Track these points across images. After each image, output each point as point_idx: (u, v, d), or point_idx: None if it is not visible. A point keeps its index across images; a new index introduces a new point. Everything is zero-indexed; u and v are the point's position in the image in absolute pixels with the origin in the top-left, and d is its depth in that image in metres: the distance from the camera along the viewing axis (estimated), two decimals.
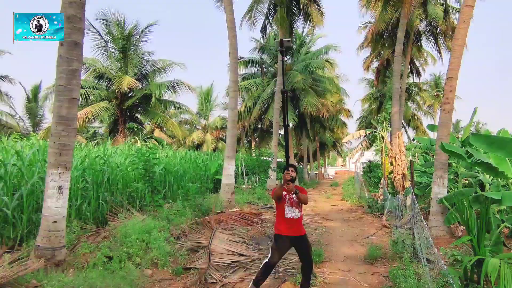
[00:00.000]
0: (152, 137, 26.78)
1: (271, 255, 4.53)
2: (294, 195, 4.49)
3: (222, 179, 12.94)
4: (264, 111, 26.59)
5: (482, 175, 9.18)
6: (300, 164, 44.11)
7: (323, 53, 27.60)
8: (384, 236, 9.02)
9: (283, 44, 4.28)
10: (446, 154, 8.55)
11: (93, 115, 19.53)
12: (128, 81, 19.36)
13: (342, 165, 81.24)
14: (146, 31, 21.21)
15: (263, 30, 22.34)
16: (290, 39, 4.42)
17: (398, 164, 12.48)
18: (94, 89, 20.93)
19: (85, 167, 8.25)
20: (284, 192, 4.50)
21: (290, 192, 4.43)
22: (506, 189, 8.03)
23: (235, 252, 6.97)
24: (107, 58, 21.10)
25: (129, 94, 21.98)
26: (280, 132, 27.83)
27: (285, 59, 23.74)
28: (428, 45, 25.35)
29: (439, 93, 41.85)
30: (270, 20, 21.85)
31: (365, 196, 16.71)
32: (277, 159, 22.64)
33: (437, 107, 39.86)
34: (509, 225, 6.57)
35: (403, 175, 12.27)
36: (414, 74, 28.32)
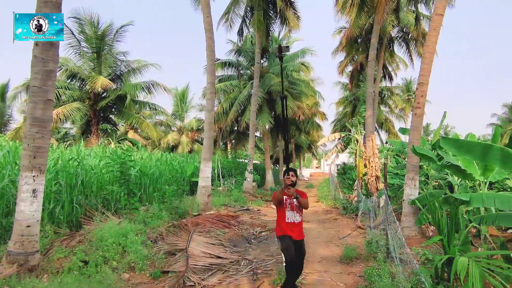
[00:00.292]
0: (126, 139, 26.30)
1: (284, 255, 4.51)
2: (294, 200, 4.49)
3: (199, 181, 12.88)
4: (240, 113, 26.61)
5: (451, 177, 9.55)
6: (275, 166, 44.38)
7: (299, 56, 27.91)
8: (359, 236, 9.23)
9: (281, 50, 4.28)
10: (417, 156, 8.84)
11: (65, 115, 19.00)
12: (102, 82, 18.95)
13: (317, 167, 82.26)
14: (121, 31, 20.84)
15: (240, 32, 22.39)
16: (288, 45, 4.47)
17: (371, 167, 12.84)
18: (66, 89, 20.36)
19: (58, 169, 8.05)
20: (285, 197, 4.51)
21: (291, 196, 4.43)
22: (473, 190, 8.40)
23: (213, 254, 6.99)
24: (80, 57, 20.58)
25: (103, 95, 21.51)
26: (256, 135, 27.95)
27: (261, 62, 23.92)
28: (400, 51, 26.14)
29: (410, 97, 43.19)
30: (247, 23, 21.92)
31: (340, 198, 17.02)
32: (254, 161, 22.73)
33: (408, 111, 41.11)
34: (476, 225, 6.87)
35: (377, 177, 12.63)
36: (387, 78, 29.07)
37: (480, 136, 38.65)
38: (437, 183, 11.34)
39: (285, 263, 4.52)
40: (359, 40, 24.08)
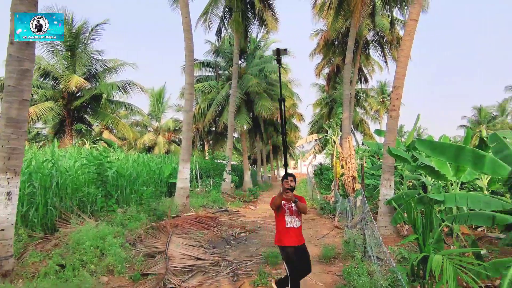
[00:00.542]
0: (102, 139, 25.77)
1: (287, 267, 4.38)
2: (293, 204, 4.40)
3: (177, 182, 12.77)
4: (218, 114, 26.55)
5: (425, 177, 9.85)
6: (253, 167, 44.49)
7: None
8: (337, 236, 9.40)
9: (279, 53, 4.21)
10: (393, 158, 9.08)
11: (37, 115, 18.47)
12: (76, 81, 18.51)
13: (294, 168, 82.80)
14: (96, 29, 20.43)
15: (218, 33, 22.35)
16: (286, 48, 4.32)
17: (348, 167, 13.09)
18: (39, 88, 19.81)
19: (32, 171, 7.82)
20: (283, 202, 4.42)
21: (289, 201, 4.34)
22: (446, 190, 8.71)
23: (193, 256, 6.97)
24: (54, 55, 20.06)
25: (77, 94, 21.03)
26: (234, 135, 27.93)
27: (239, 63, 23.91)
28: (375, 54, 26.76)
29: (384, 99, 44.21)
30: (226, 24, 21.90)
31: (317, 198, 17.25)
32: (232, 162, 22.71)
33: (382, 113, 42.08)
34: (448, 224, 7.13)
35: (353, 178, 12.88)
36: (362, 80, 29.71)
37: (451, 137, 40.01)
38: (411, 184, 11.67)
39: (289, 276, 4.36)
40: (336, 43, 24.51)
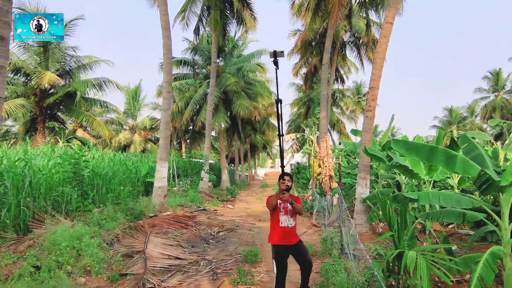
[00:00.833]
0: (76, 137, 25.14)
1: (276, 267, 4.41)
2: (289, 205, 4.42)
3: (155, 181, 12.63)
4: (196, 112, 26.40)
5: (399, 176, 10.15)
6: (231, 166, 44.47)
7: (255, 57, 28.17)
8: (314, 234, 9.55)
9: (276, 55, 4.19)
10: (368, 157, 9.30)
11: (7, 112, 17.82)
12: (49, 77, 17.96)
13: (271, 167, 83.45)
14: (71, 25, 19.82)
15: (196, 31, 22.20)
16: (283, 51, 4.30)
17: (326, 166, 13.30)
18: (9, 84, 19.09)
19: (3, 170, 7.58)
20: (279, 201, 4.45)
21: (286, 201, 4.36)
22: (419, 189, 8.99)
23: (172, 255, 6.94)
24: (25, 51, 19.38)
25: (50, 91, 20.40)
26: (212, 134, 27.84)
27: (217, 61, 23.85)
28: (351, 55, 27.28)
29: (360, 100, 45.10)
30: (204, 22, 21.78)
31: None
32: (209, 161, 22.63)
33: (358, 112, 42.94)
34: (422, 221, 7.37)
35: (330, 177, 13.09)
36: (339, 81, 30.23)
37: (424, 137, 41.18)
38: (386, 182, 11.98)
39: (276, 270, 4.42)
40: (313, 43, 24.82)
